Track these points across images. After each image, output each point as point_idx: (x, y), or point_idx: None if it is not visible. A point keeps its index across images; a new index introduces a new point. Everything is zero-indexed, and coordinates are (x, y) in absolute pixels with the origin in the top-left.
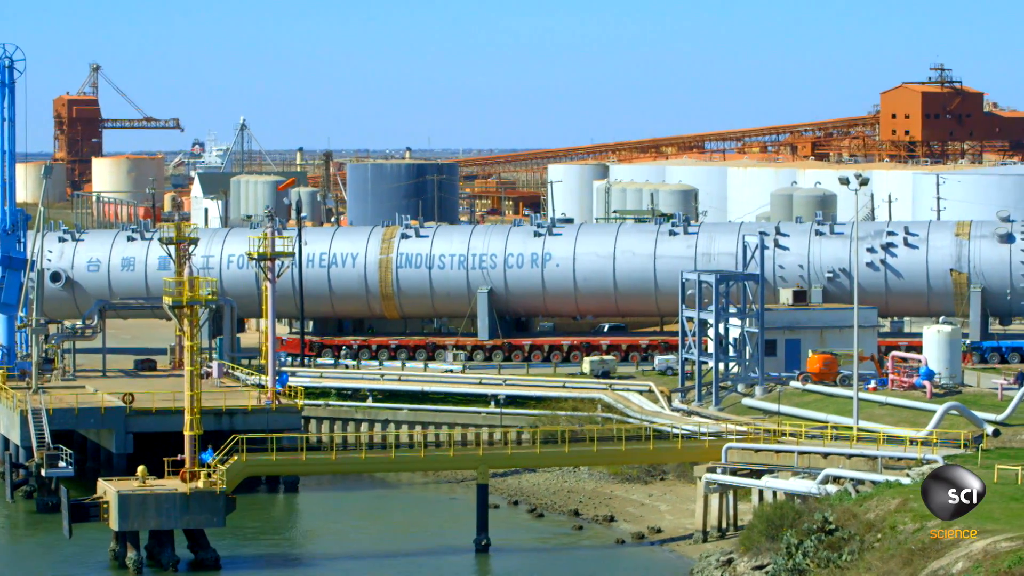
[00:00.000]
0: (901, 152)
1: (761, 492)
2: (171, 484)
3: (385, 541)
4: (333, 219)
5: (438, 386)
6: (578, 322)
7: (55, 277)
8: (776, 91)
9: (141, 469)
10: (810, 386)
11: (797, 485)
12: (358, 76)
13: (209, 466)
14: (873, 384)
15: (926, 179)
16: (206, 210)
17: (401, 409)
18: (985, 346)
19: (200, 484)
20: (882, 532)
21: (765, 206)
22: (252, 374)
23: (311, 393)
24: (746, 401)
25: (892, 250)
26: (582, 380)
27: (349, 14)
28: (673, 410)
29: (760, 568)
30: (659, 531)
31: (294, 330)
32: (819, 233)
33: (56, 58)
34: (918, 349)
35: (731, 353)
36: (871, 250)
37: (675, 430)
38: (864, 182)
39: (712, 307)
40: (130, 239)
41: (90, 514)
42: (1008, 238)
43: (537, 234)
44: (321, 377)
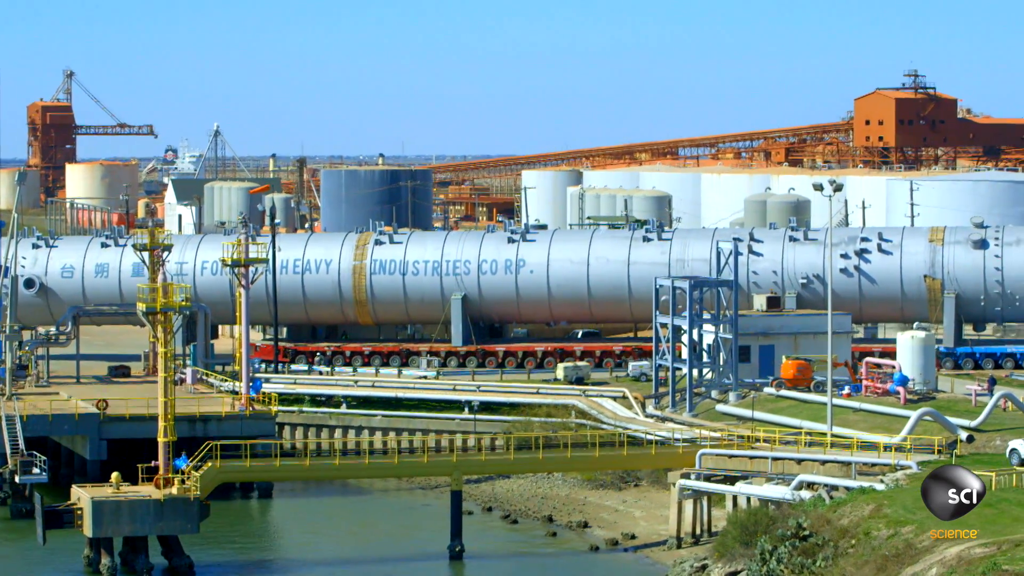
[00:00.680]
0: (875, 158)
1: (735, 498)
2: (145, 491)
3: (359, 547)
4: (307, 225)
5: (412, 392)
6: (552, 328)
7: (29, 283)
8: (750, 97)
9: (115, 476)
10: (784, 392)
11: (771, 491)
12: (332, 82)
13: (183, 472)
14: (847, 390)
15: (900, 185)
16: (180, 216)
17: (375, 415)
18: (959, 352)
19: (174, 491)
20: (856, 538)
21: (739, 212)
22: (226, 380)
23: (285, 399)
24: (720, 407)
25: (866, 256)
26: (556, 386)
27: (322, 21)
28: (647, 416)
29: (734, 574)
30: (633, 537)
31: (268, 336)
32: (793, 239)
33: (30, 64)
34: (892, 355)
35: (705, 359)
36: (845, 256)
37: (649, 436)
38: (838, 188)
39: (686, 313)
40: (104, 245)
41: (64, 521)
42: (982, 244)
43: (511, 240)
44: (295, 383)
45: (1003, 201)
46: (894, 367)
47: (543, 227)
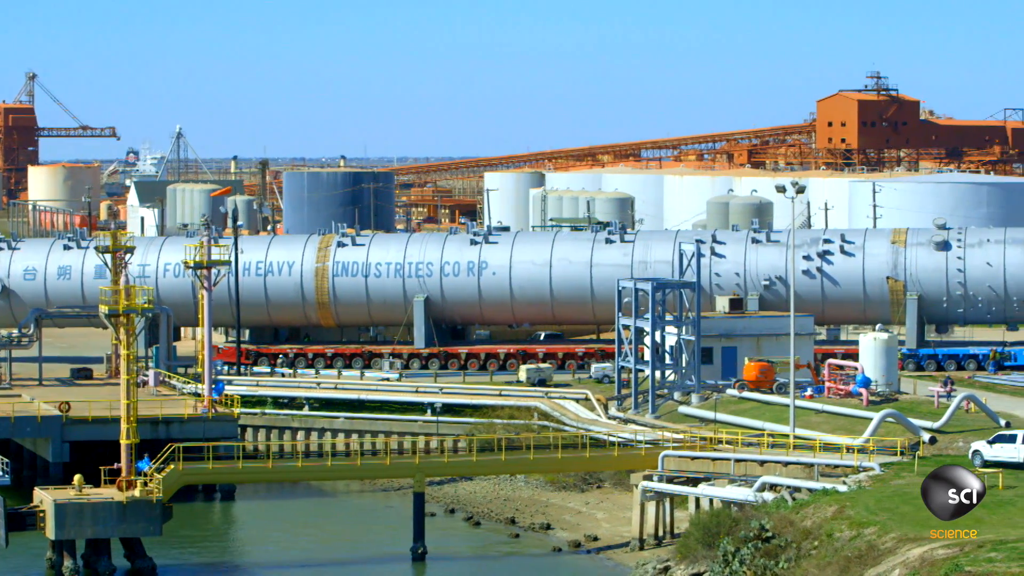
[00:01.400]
0: (837, 160)
1: (698, 500)
2: (108, 493)
3: (322, 549)
4: (269, 227)
5: (374, 394)
6: (515, 330)
7: None
8: (712, 99)
9: (77, 478)
10: (746, 394)
11: (734, 493)
12: (294, 84)
13: (145, 475)
14: (810, 392)
15: (862, 187)
16: (142, 219)
17: (337, 417)
18: (921, 353)
19: (137, 493)
20: (819, 539)
21: (701, 214)
22: (188, 383)
23: (247, 402)
24: (683, 409)
25: (828, 258)
26: (518, 388)
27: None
28: (610, 418)
29: (697, 575)
30: (596, 539)
31: (230, 339)
32: (755, 241)
33: None
34: (855, 357)
35: (667, 361)
36: (807, 258)
37: (612, 438)
38: (800, 190)
39: (648, 315)
40: (66, 248)
41: (26, 523)
42: (944, 246)
43: (473, 242)
44: (257, 386)
45: (965, 203)
46: (856, 369)
47: (505, 229)
